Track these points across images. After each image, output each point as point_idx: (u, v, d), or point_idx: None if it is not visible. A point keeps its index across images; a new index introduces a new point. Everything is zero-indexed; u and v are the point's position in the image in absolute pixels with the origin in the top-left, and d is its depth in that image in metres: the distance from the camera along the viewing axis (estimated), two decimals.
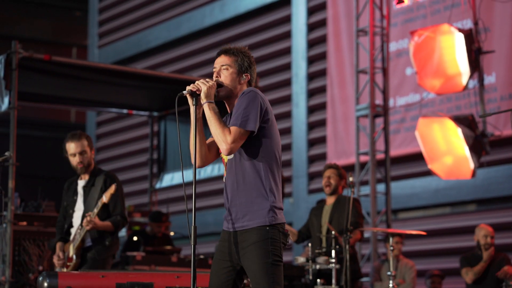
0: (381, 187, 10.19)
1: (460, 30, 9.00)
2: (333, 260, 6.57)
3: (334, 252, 6.60)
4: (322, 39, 12.88)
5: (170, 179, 10.53)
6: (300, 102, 13.12)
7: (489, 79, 10.42)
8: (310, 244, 6.92)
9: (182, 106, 4.10)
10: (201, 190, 13.64)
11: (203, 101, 4.01)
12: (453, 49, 8.98)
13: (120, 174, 14.02)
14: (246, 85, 4.16)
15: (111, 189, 5.91)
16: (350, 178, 6.65)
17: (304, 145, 13.02)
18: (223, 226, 4.14)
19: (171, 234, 10.10)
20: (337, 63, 12.36)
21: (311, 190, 12.80)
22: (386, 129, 9.97)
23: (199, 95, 4.05)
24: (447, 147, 9.19)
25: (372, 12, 9.92)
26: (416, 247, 11.24)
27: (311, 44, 13.16)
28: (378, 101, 10.07)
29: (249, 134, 3.98)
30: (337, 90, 12.33)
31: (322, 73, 12.86)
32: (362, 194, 9.96)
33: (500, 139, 9.84)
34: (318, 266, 6.73)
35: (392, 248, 6.67)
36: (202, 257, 8.07)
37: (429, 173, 10.01)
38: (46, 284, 5.32)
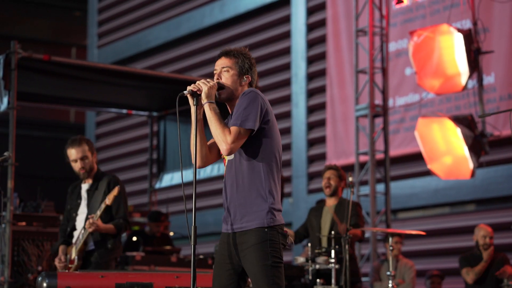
0: (380, 187, 10.18)
1: (459, 30, 9.00)
2: (332, 260, 6.57)
3: (333, 252, 6.61)
4: (322, 39, 12.88)
5: (169, 179, 10.52)
6: (299, 102, 13.12)
7: (488, 79, 10.43)
8: (309, 244, 6.92)
9: (183, 106, 4.09)
10: (201, 190, 13.63)
11: (204, 101, 4.01)
12: (452, 49, 8.99)
13: (119, 174, 14.00)
14: (247, 86, 4.15)
15: (114, 191, 5.91)
16: (350, 178, 6.65)
17: (303, 145, 13.02)
18: (222, 229, 4.13)
19: (171, 234, 10.09)
20: (336, 63, 12.36)
21: (311, 190, 12.79)
22: (385, 129, 9.97)
23: (200, 95, 4.04)
24: (447, 147, 9.19)
25: (371, 12, 9.92)
26: (415, 247, 11.24)
27: (311, 44, 13.15)
28: (378, 101, 10.07)
29: (249, 133, 3.97)
30: (336, 90, 12.33)
31: (322, 73, 12.86)
32: (362, 194, 9.95)
33: (499, 139, 9.85)
34: (318, 266, 6.74)
35: (391, 248, 6.67)
36: (201, 257, 8.06)
37: (428, 173, 10.01)
38: (45, 284, 5.31)
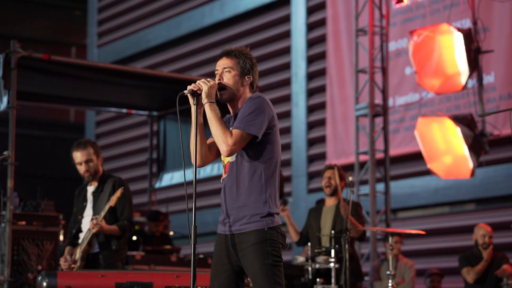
0: (380, 187, 10.18)
1: (459, 30, 9.00)
2: (332, 259, 6.57)
3: (333, 251, 6.61)
4: (322, 39, 12.88)
5: (169, 179, 10.52)
6: (299, 102, 13.12)
7: (488, 79, 10.43)
8: (309, 243, 6.93)
9: (183, 106, 4.08)
10: (201, 189, 13.63)
11: (204, 101, 4.01)
12: (452, 48, 8.98)
13: (119, 173, 14.01)
14: (249, 87, 4.15)
15: (117, 192, 5.93)
16: (350, 178, 6.65)
17: (303, 144, 13.02)
18: (218, 230, 4.12)
19: (171, 233, 10.09)
20: (336, 63, 12.36)
21: (311, 190, 12.79)
22: (385, 128, 9.97)
23: (200, 95, 4.04)
24: (446, 147, 9.19)
25: (371, 11, 9.92)
26: (415, 247, 11.24)
27: (311, 43, 13.15)
28: (378, 100, 10.07)
29: (251, 138, 3.97)
30: (336, 89, 12.33)
31: (322, 72, 12.86)
32: (362, 194, 9.95)
33: (499, 139, 9.84)
34: (318, 266, 6.74)
35: (391, 247, 6.67)
36: (201, 256, 8.07)
37: (428, 172, 10.01)
38: (45, 283, 5.31)
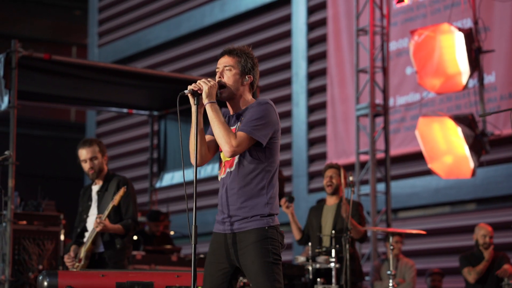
0: (381, 187, 10.18)
1: (460, 30, 9.00)
2: (333, 259, 6.57)
3: (334, 251, 6.60)
4: (322, 39, 12.88)
5: (170, 179, 10.52)
6: (300, 102, 13.11)
7: (489, 79, 10.42)
8: (310, 243, 6.92)
9: (183, 106, 4.09)
10: (201, 189, 13.64)
11: (205, 101, 4.01)
12: (453, 48, 8.98)
13: (120, 173, 13.98)
14: (249, 86, 4.15)
15: (120, 191, 5.97)
16: (350, 178, 6.65)
17: (304, 144, 13.01)
18: (216, 229, 4.12)
19: (171, 233, 10.09)
20: (337, 63, 12.36)
21: (311, 190, 12.79)
22: (386, 128, 9.97)
23: (201, 95, 4.04)
24: (447, 147, 9.19)
25: (372, 11, 9.92)
26: (416, 246, 11.24)
27: (311, 43, 13.15)
28: (378, 100, 10.07)
29: (254, 142, 3.99)
30: (337, 89, 12.32)
31: (322, 72, 12.86)
32: (362, 194, 9.95)
33: (500, 138, 9.84)
34: (318, 265, 6.73)
35: (392, 247, 6.67)
36: (202, 256, 8.05)
37: (429, 172, 10.01)
38: (46, 283, 5.32)
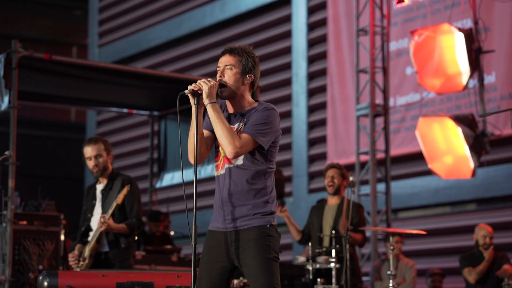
0: (381, 187, 10.18)
1: (460, 30, 9.00)
2: (333, 259, 6.57)
3: (334, 251, 6.60)
4: (322, 39, 12.88)
5: (170, 179, 10.52)
6: (300, 102, 13.12)
7: (489, 79, 10.42)
8: (310, 243, 6.92)
9: (183, 106, 4.09)
10: (201, 189, 13.63)
11: (206, 101, 4.01)
12: (453, 48, 8.99)
13: None
14: (249, 85, 4.16)
15: (124, 190, 6.00)
16: (351, 178, 6.66)
17: (304, 144, 13.01)
18: (213, 227, 4.11)
19: (171, 233, 10.09)
20: (337, 63, 12.36)
21: (311, 190, 12.79)
22: (386, 128, 9.97)
23: (201, 95, 4.05)
24: (447, 147, 9.19)
25: (372, 11, 9.92)
26: (416, 247, 11.24)
27: (311, 43, 13.15)
28: (378, 100, 10.07)
29: (257, 145, 4.03)
30: (337, 89, 12.32)
31: (322, 72, 12.86)
32: (363, 194, 9.95)
33: (500, 139, 9.84)
34: (318, 266, 6.73)
35: (392, 247, 6.67)
36: None
37: (429, 172, 10.01)
38: (46, 283, 5.32)
